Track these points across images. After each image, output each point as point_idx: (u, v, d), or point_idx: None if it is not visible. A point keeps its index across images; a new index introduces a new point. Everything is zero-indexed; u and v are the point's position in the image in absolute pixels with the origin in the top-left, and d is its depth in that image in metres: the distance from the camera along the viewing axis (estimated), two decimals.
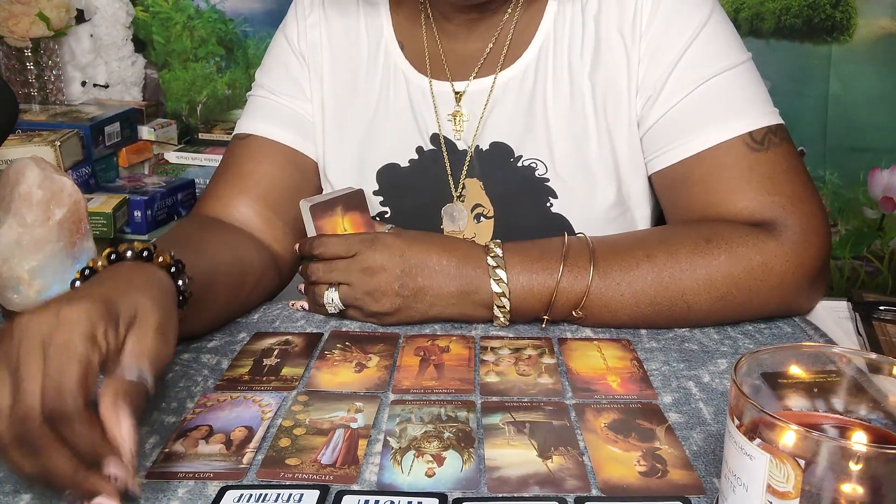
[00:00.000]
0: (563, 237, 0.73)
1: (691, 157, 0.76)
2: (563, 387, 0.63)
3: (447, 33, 0.86)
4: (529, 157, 0.83)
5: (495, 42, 0.84)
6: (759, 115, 0.76)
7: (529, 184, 0.83)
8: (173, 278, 0.60)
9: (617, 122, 0.81)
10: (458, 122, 0.85)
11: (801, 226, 0.72)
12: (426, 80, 0.86)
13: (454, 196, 0.85)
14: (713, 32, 0.77)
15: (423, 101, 0.86)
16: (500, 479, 0.51)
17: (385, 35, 0.88)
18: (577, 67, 0.81)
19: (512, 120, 0.83)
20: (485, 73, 0.84)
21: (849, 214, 1.91)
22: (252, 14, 1.92)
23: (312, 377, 0.65)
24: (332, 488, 0.50)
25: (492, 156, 0.84)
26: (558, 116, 0.82)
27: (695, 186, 0.76)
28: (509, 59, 0.83)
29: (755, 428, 0.40)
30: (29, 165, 0.73)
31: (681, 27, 0.77)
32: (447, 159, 0.85)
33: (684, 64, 0.77)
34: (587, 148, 0.81)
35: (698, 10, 0.78)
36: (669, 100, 0.77)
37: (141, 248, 0.59)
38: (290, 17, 0.92)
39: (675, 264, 0.70)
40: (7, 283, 0.73)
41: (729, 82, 0.76)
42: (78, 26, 1.89)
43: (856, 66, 1.82)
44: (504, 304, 0.71)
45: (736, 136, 0.74)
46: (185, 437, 0.56)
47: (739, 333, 0.72)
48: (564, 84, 0.81)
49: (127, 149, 1.81)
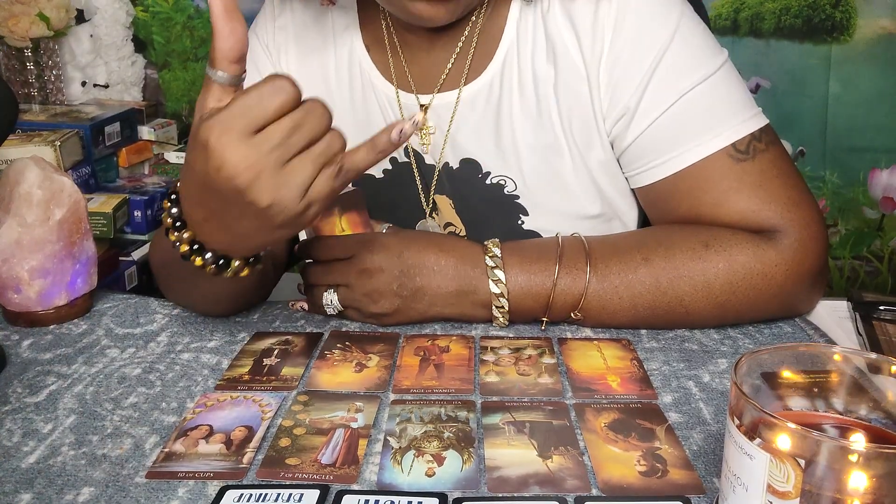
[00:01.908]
0: (557, 236, 0.73)
1: (675, 174, 0.74)
2: (563, 387, 0.63)
3: (409, 45, 0.83)
4: (498, 174, 0.81)
5: (458, 54, 0.81)
6: (740, 123, 0.72)
7: (499, 202, 0.82)
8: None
9: (587, 142, 0.78)
10: (424, 136, 0.83)
11: (800, 233, 0.71)
12: (393, 89, 0.84)
13: (426, 211, 0.85)
14: (684, 42, 0.73)
15: (392, 112, 0.84)
16: (500, 479, 0.51)
17: (353, 40, 0.86)
18: (542, 77, 0.78)
19: (478, 135, 0.81)
20: (449, 87, 0.82)
21: (849, 214, 1.91)
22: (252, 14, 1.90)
23: (312, 377, 0.65)
24: (332, 488, 0.50)
25: (461, 173, 0.83)
26: (526, 131, 0.79)
27: (683, 201, 0.74)
28: (473, 71, 0.81)
29: (755, 428, 0.40)
30: (29, 165, 0.73)
31: (649, 41, 0.73)
32: (416, 173, 0.84)
33: (658, 80, 0.73)
34: (559, 162, 0.79)
35: (665, 19, 0.73)
36: (646, 118, 0.74)
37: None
38: (261, 17, 0.91)
39: (673, 270, 0.70)
40: (7, 283, 0.73)
41: (706, 93, 0.73)
42: (78, 26, 1.90)
43: (856, 66, 1.82)
44: (502, 304, 0.71)
45: (719, 150, 0.72)
46: (186, 437, 0.56)
47: (739, 333, 0.72)
48: (530, 96, 0.78)
49: (127, 149, 1.81)
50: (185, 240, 0.61)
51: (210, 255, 0.61)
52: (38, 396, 0.62)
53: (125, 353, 0.69)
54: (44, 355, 0.69)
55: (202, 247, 0.61)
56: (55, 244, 0.74)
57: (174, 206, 0.61)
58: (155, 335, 0.73)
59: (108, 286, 1.50)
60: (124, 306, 0.79)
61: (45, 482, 0.51)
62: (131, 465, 0.53)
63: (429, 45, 0.82)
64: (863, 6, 1.79)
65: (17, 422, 0.59)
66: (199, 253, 0.61)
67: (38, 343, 0.72)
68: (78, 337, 0.73)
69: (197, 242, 0.61)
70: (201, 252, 0.61)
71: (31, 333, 0.74)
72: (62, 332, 0.74)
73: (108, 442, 0.56)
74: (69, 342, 0.72)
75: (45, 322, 0.75)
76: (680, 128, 0.73)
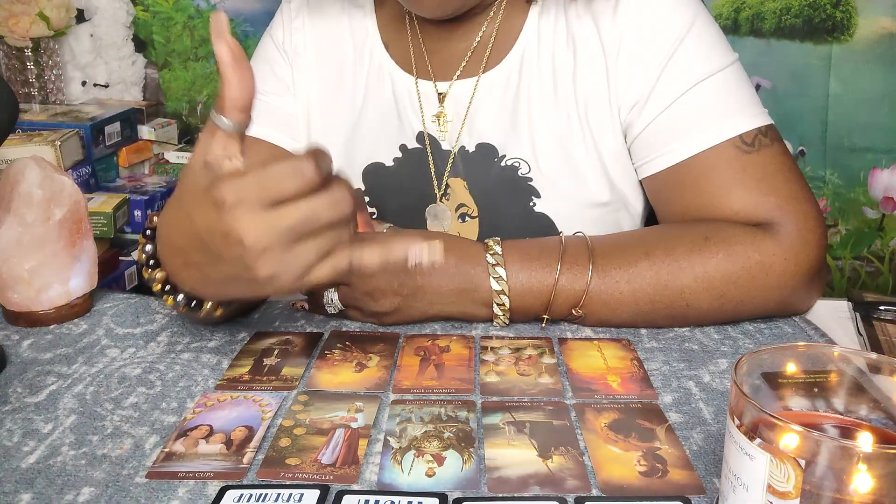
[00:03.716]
0: (560, 236, 0.73)
1: (682, 161, 0.76)
2: (563, 387, 0.63)
3: (430, 34, 0.86)
4: (513, 156, 0.83)
5: (478, 43, 0.84)
6: (748, 117, 0.75)
7: (512, 183, 0.83)
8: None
9: (601, 130, 0.80)
10: (441, 122, 0.85)
11: (798, 225, 0.72)
12: (412, 79, 0.86)
13: (437, 196, 0.86)
14: (698, 36, 0.77)
15: (409, 101, 0.86)
16: (501, 479, 0.51)
17: (370, 35, 0.88)
18: (560, 69, 0.81)
19: (495, 120, 0.83)
20: (468, 75, 0.84)
21: (849, 214, 1.91)
22: (252, 14, 1.92)
23: (312, 377, 0.65)
24: (332, 488, 0.50)
25: (477, 156, 0.84)
26: (542, 115, 0.82)
27: (687, 190, 0.76)
28: (492, 60, 0.83)
29: (755, 428, 0.40)
30: (29, 165, 0.73)
31: (666, 33, 0.76)
32: (431, 158, 0.86)
33: (671, 70, 0.76)
34: (573, 148, 0.81)
35: (682, 14, 0.77)
36: (658, 106, 0.77)
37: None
38: (277, 19, 0.93)
39: (674, 262, 0.70)
40: (7, 283, 0.73)
41: (717, 86, 0.76)
42: (78, 26, 1.90)
43: (856, 65, 1.82)
44: (503, 301, 0.71)
45: (726, 140, 0.74)
46: (186, 437, 0.56)
47: (740, 333, 0.72)
48: (548, 84, 0.81)
49: (127, 148, 1.81)
50: (158, 279, 0.61)
51: (182, 298, 0.61)
52: (38, 396, 0.62)
53: (125, 353, 0.69)
54: (44, 355, 0.69)
55: (175, 288, 0.61)
56: (55, 244, 0.73)
57: (149, 242, 0.60)
58: (155, 335, 0.73)
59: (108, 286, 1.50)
60: (124, 306, 0.79)
61: (45, 482, 0.51)
62: (131, 465, 0.53)
63: (448, 34, 0.85)
64: (863, 6, 1.79)
65: (17, 422, 0.59)
66: (171, 294, 0.61)
67: (38, 343, 0.72)
68: (78, 337, 0.73)
69: (170, 283, 0.61)
70: (173, 293, 0.61)
71: (31, 333, 0.74)
72: (62, 332, 0.74)
73: (109, 442, 0.56)
74: (69, 342, 0.72)
75: (45, 322, 0.75)
76: (690, 117, 0.76)
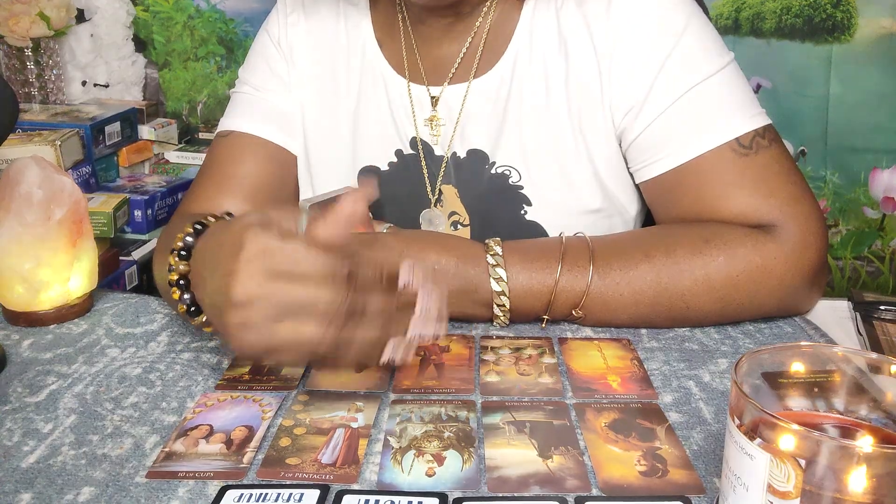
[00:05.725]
0: (560, 236, 0.73)
1: (679, 166, 0.75)
2: (563, 386, 0.63)
3: (422, 36, 0.85)
4: (503, 164, 0.82)
5: (470, 46, 0.83)
6: (745, 119, 0.75)
7: (503, 191, 0.83)
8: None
9: (594, 135, 0.80)
10: (434, 127, 0.85)
11: (799, 227, 0.72)
12: (404, 82, 0.86)
13: (431, 202, 0.86)
14: (693, 39, 0.76)
15: (402, 105, 0.86)
16: (501, 479, 0.51)
17: (365, 35, 0.88)
18: (553, 72, 0.80)
19: (487, 126, 0.83)
20: (459, 79, 0.84)
21: (849, 214, 1.91)
22: (252, 14, 1.93)
23: (313, 377, 0.65)
24: (332, 488, 0.50)
25: (468, 163, 0.84)
26: (533, 123, 0.81)
27: (686, 194, 0.76)
28: (485, 63, 0.83)
29: (755, 428, 0.40)
30: (29, 165, 0.73)
31: (660, 37, 0.76)
32: (425, 164, 0.85)
33: (666, 74, 0.75)
34: (565, 155, 0.81)
35: (676, 17, 0.76)
36: (653, 111, 0.76)
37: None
38: (273, 15, 0.93)
39: (674, 265, 0.70)
40: (7, 283, 0.73)
41: (712, 89, 0.75)
42: (78, 26, 1.90)
43: (856, 66, 1.82)
44: (504, 302, 0.71)
45: (723, 143, 0.74)
46: (186, 437, 0.56)
47: (740, 333, 0.72)
48: (540, 90, 0.81)
49: (127, 148, 1.81)
50: (181, 272, 0.62)
51: (188, 297, 0.62)
52: (38, 396, 0.62)
53: (125, 353, 0.69)
54: (44, 355, 0.69)
55: (188, 286, 0.62)
56: (55, 244, 0.73)
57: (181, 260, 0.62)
58: (155, 335, 0.73)
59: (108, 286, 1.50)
60: (124, 306, 0.79)
61: (45, 482, 0.51)
62: (131, 464, 0.53)
63: (441, 36, 0.84)
64: (863, 6, 1.79)
65: (17, 421, 0.59)
66: (183, 289, 0.62)
67: (39, 343, 0.72)
68: (78, 336, 0.73)
69: (186, 279, 0.62)
70: (184, 289, 0.62)
71: (31, 333, 0.74)
72: (62, 331, 0.74)
73: (109, 442, 0.56)
74: (69, 342, 0.72)
75: (45, 322, 0.75)
76: (686, 121, 0.75)
